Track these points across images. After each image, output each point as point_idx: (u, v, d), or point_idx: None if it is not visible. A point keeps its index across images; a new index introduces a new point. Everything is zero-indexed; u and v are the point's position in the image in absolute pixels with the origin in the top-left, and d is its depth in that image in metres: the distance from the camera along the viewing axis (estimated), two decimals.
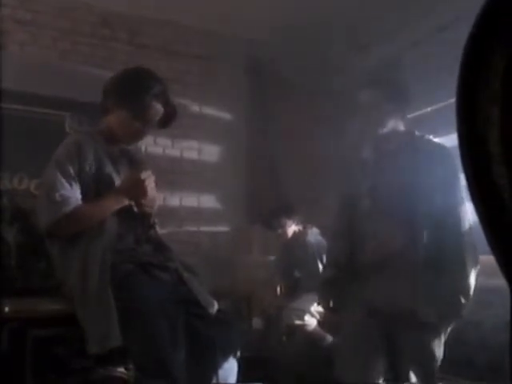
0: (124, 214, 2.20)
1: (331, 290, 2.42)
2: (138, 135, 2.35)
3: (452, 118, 0.50)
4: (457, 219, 2.11)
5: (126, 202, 2.20)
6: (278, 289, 4.24)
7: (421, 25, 4.18)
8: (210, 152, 4.79)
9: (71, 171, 2.11)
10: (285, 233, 4.30)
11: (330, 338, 3.75)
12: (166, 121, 2.38)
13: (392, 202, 2.19)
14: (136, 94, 2.23)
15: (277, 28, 4.44)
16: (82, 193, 2.14)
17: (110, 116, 2.31)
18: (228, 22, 4.47)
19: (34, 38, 4.10)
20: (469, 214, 2.12)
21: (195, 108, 4.70)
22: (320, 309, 3.95)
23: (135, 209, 2.25)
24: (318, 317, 3.89)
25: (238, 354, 2.20)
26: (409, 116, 2.37)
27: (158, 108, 2.29)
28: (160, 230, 2.44)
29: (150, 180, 2.24)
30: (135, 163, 2.40)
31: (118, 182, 2.25)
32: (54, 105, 4.00)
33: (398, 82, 2.35)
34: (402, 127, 2.29)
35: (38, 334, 2.13)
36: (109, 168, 2.26)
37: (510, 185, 0.39)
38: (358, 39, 4.45)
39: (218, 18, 4.42)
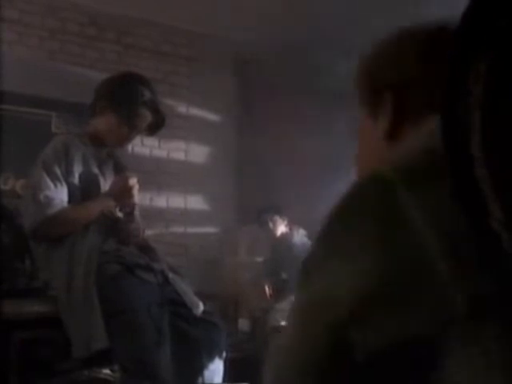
0: (108, 216, 2.20)
1: None
2: (124, 140, 2.37)
3: None
4: None
5: (112, 206, 2.21)
6: (267, 289, 4.24)
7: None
8: (197, 153, 4.78)
9: (58, 172, 2.11)
10: (275, 229, 4.32)
11: None
12: (154, 128, 2.40)
13: None
14: (126, 100, 2.24)
15: (264, 29, 4.45)
16: (68, 194, 2.14)
17: (98, 118, 2.31)
18: (215, 22, 4.48)
19: (22, 37, 4.07)
20: None
21: (182, 109, 4.70)
22: None
23: (119, 212, 2.27)
24: None
25: (224, 354, 2.20)
26: None
27: (147, 115, 2.30)
28: (146, 231, 2.45)
29: (136, 186, 2.26)
30: (119, 167, 2.41)
31: (103, 184, 2.26)
32: (41, 105, 3.98)
33: None
34: None
35: (23, 335, 2.11)
36: (95, 170, 2.27)
37: (491, 188, 0.40)
38: (344, 41, 4.47)
39: (206, 18, 4.42)
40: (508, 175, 0.40)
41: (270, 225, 4.33)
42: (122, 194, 2.23)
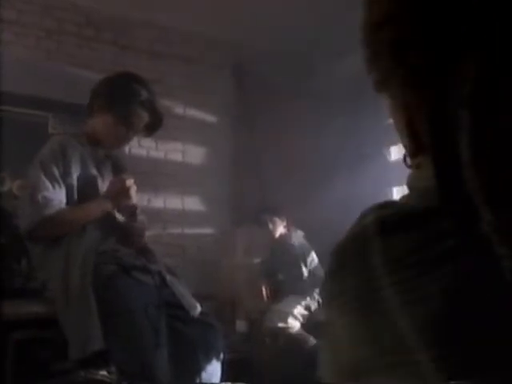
0: (106, 217, 2.20)
1: None
2: (121, 140, 2.36)
3: None
4: None
5: (110, 207, 2.20)
6: (264, 291, 4.24)
7: None
8: (195, 154, 4.78)
9: (55, 173, 2.11)
10: (275, 230, 4.32)
11: (313, 341, 3.76)
12: (151, 129, 2.39)
13: None
14: (123, 100, 2.24)
15: (264, 29, 4.44)
16: (66, 195, 2.13)
17: (95, 118, 2.31)
18: (214, 23, 4.48)
19: (19, 37, 4.06)
20: None
21: (180, 109, 4.69)
22: (303, 311, 3.96)
23: (117, 213, 2.27)
24: (301, 319, 3.90)
25: (222, 356, 2.20)
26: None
27: (144, 115, 2.30)
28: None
29: (133, 187, 2.26)
30: (118, 168, 2.40)
31: (101, 185, 2.25)
32: (38, 105, 3.97)
33: None
34: None
35: (20, 336, 2.11)
36: (93, 171, 2.26)
37: (479, 189, 0.40)
38: (343, 43, 4.46)
39: (204, 19, 4.42)
40: (498, 176, 0.40)
41: (270, 226, 4.33)
42: (119, 195, 2.22)
